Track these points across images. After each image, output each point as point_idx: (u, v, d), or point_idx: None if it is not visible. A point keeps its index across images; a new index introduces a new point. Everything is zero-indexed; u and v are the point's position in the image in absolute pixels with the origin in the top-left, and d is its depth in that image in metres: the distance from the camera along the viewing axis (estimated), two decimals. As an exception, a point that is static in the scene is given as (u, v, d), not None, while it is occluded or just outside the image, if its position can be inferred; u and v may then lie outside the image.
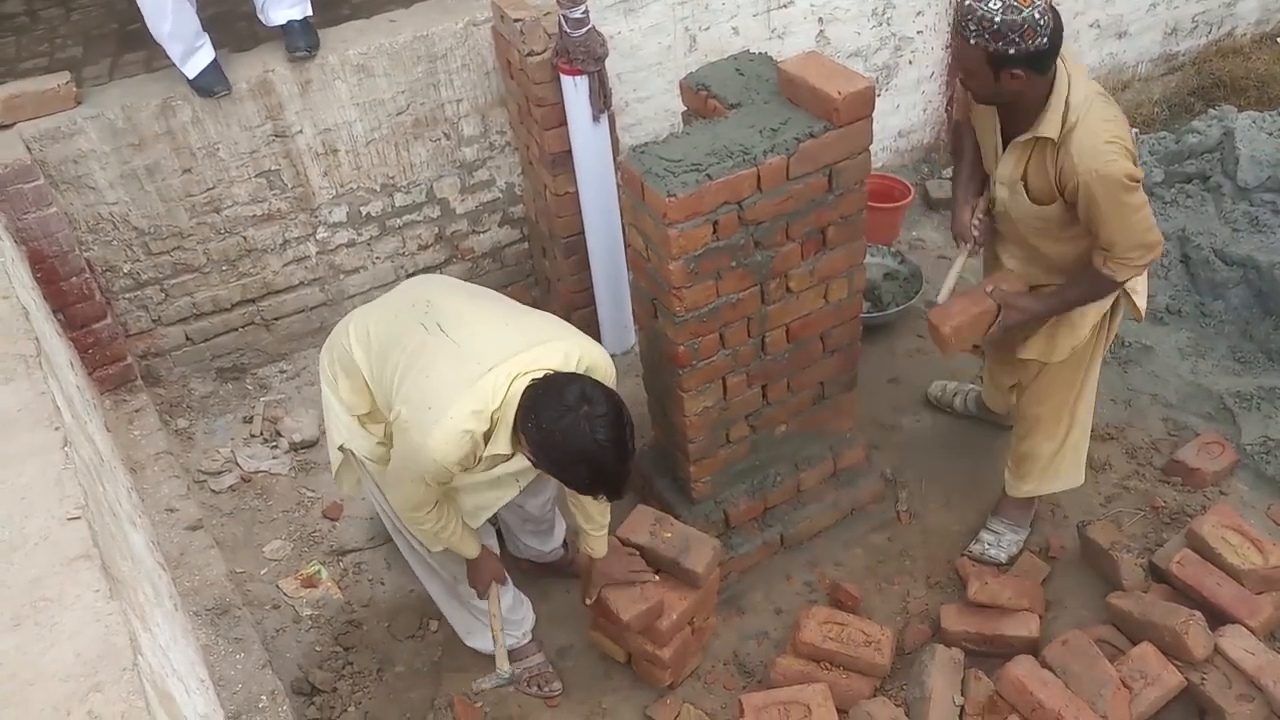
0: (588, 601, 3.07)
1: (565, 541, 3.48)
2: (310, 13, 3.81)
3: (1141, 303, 3.04)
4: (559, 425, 2.36)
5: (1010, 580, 3.23)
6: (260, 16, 3.83)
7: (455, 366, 2.51)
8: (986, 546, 3.45)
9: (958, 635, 3.16)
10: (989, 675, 3.01)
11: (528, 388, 2.44)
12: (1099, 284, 2.84)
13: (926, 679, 2.99)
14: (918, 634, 3.28)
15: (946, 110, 5.13)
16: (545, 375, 2.46)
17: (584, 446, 2.37)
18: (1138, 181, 2.65)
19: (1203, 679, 2.90)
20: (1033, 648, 3.08)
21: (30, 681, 1.63)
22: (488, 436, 2.51)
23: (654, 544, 3.10)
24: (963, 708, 2.96)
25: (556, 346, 2.56)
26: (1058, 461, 3.29)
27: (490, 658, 3.28)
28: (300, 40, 3.78)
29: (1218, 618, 3.04)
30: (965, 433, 3.92)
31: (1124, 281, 2.83)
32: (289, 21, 3.78)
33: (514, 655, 3.25)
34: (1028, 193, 2.82)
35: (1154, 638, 2.98)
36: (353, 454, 2.89)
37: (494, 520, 3.09)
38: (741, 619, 3.41)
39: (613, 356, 4.23)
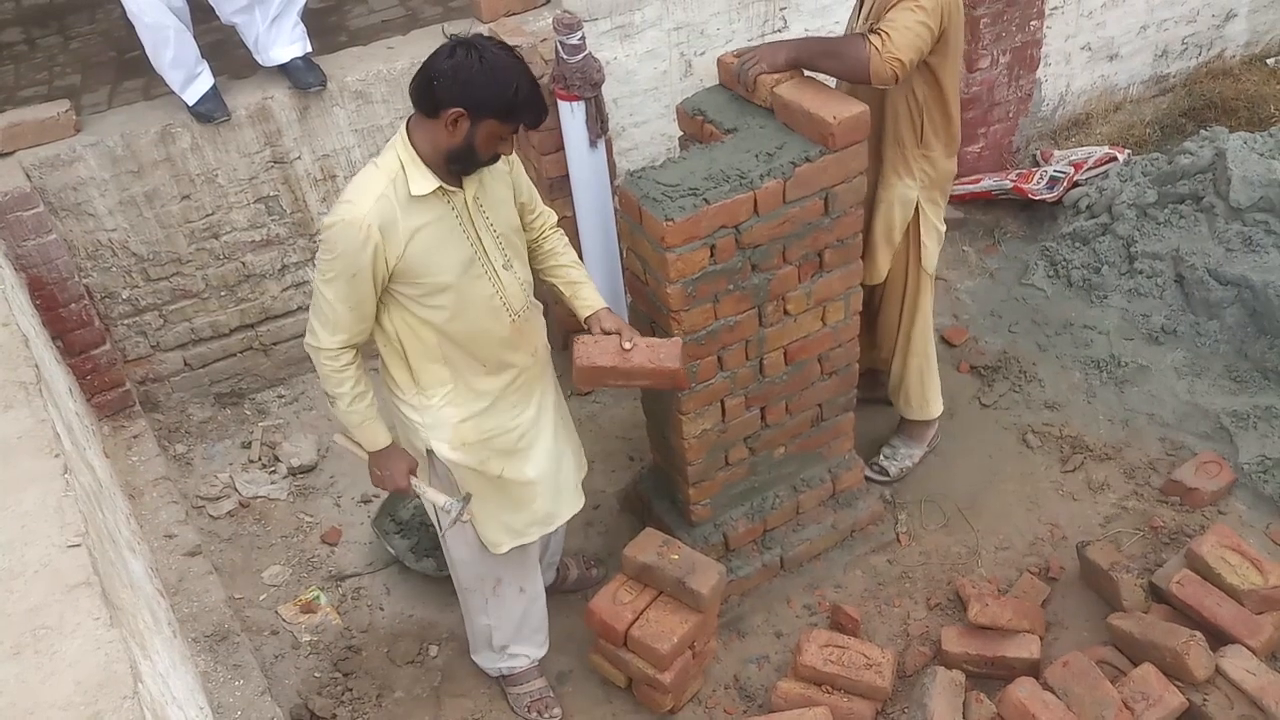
0: (626, 345, 2.75)
1: (554, 564, 3.48)
2: (310, 49, 3.84)
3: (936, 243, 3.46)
4: (452, 62, 2.34)
5: (1010, 602, 3.22)
6: (258, 58, 3.84)
7: None
8: (882, 459, 3.85)
9: (958, 657, 3.16)
10: (990, 697, 3.00)
11: (410, 87, 2.43)
12: (856, 44, 2.90)
13: (928, 701, 2.98)
14: (919, 656, 3.27)
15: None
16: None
17: (492, 61, 2.34)
18: (924, 10, 2.90)
19: (1204, 700, 2.90)
20: (1034, 669, 3.08)
21: (30, 710, 1.63)
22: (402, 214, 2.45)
23: (660, 564, 3.09)
24: (964, 730, 2.96)
25: None
26: (906, 386, 3.72)
27: (494, 679, 3.29)
28: (309, 75, 3.80)
29: (1218, 638, 3.03)
30: (965, 454, 3.92)
31: (870, 61, 2.86)
32: (291, 60, 3.80)
33: (516, 679, 3.25)
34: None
35: (1155, 658, 2.98)
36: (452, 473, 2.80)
37: None
38: (742, 642, 3.41)
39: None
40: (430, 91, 2.38)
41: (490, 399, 2.75)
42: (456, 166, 2.47)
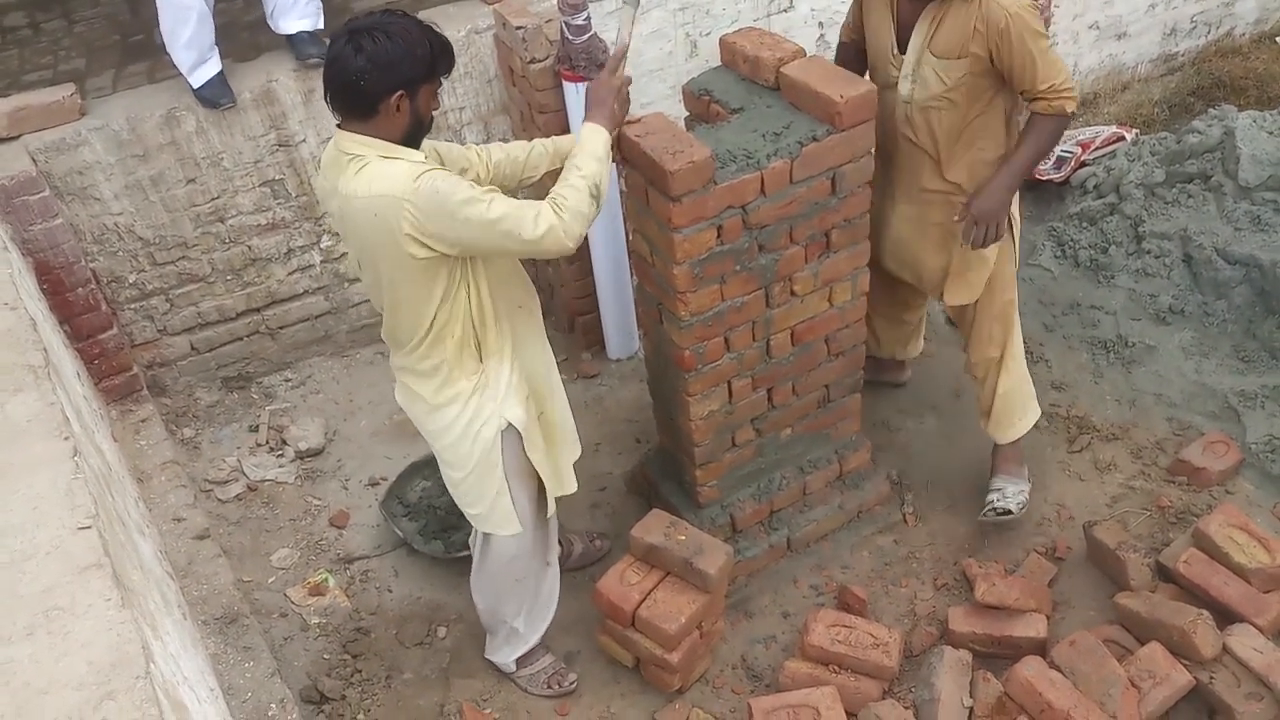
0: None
1: (560, 539, 3.48)
2: (321, 26, 3.83)
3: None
4: (365, 55, 2.33)
5: (1017, 581, 3.23)
6: (270, 22, 3.85)
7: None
8: (994, 500, 3.50)
9: (965, 637, 3.16)
10: (997, 676, 3.01)
11: (333, 100, 2.43)
12: (1049, 126, 2.94)
13: (935, 681, 2.99)
14: (925, 636, 3.28)
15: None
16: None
17: (398, 33, 2.35)
18: (1043, 34, 2.88)
19: (1211, 678, 2.90)
20: (1040, 649, 3.08)
21: (44, 690, 1.63)
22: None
23: (667, 545, 3.10)
24: (971, 709, 2.96)
25: None
26: (1010, 396, 3.45)
27: (496, 665, 3.29)
28: (311, 48, 3.80)
29: (1225, 616, 3.04)
30: (971, 434, 3.91)
31: (1068, 115, 2.93)
32: (299, 32, 3.79)
33: (527, 660, 3.26)
34: (933, 55, 2.93)
35: (1162, 637, 2.98)
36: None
37: None
38: (749, 623, 3.42)
39: (617, 362, 4.31)
40: (360, 93, 2.37)
41: (523, 340, 2.79)
42: (412, 144, 2.49)
